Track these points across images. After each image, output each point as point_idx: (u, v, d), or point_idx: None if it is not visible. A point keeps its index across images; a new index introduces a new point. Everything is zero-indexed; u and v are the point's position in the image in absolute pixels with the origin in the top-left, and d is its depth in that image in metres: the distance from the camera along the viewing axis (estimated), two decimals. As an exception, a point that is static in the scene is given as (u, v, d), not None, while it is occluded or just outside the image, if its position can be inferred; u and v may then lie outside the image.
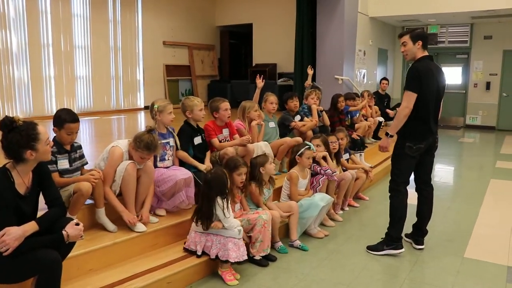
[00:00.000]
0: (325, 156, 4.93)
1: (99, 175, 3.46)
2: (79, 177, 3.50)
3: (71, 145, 3.54)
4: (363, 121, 7.93)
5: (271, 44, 13.21)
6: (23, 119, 2.61)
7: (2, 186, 2.52)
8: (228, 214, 3.51)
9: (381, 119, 8.77)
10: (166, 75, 12.69)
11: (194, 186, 4.05)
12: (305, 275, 3.68)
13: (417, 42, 3.94)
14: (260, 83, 5.43)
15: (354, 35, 10.67)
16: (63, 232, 2.61)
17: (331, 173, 4.76)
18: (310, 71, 7.90)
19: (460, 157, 9.44)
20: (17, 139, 2.54)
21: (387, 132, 4.04)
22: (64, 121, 3.37)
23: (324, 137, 5.10)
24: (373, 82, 12.23)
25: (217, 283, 3.50)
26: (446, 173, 7.88)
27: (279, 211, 4.21)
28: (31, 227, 2.53)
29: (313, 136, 5.36)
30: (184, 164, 4.27)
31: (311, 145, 4.70)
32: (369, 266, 3.90)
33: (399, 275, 3.74)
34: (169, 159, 4.15)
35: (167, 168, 4.09)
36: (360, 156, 6.56)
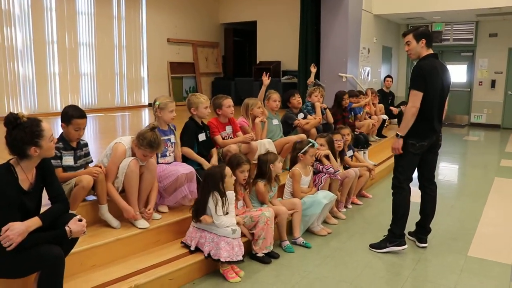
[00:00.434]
0: (328, 154, 4.92)
1: (101, 170, 3.49)
2: (81, 171, 3.52)
3: (77, 142, 3.56)
4: (367, 119, 7.91)
5: (275, 41, 13.19)
6: (27, 116, 2.62)
7: (6, 182, 2.53)
8: (220, 212, 3.50)
9: (385, 117, 8.75)
10: (170, 72, 12.70)
11: (196, 182, 4.06)
12: (308, 273, 3.68)
13: (421, 40, 3.92)
14: (266, 81, 5.45)
15: (358, 32, 10.63)
16: (66, 227, 2.62)
17: (333, 172, 4.76)
18: (313, 69, 7.89)
19: (464, 155, 9.40)
20: (21, 136, 2.55)
21: (397, 133, 3.98)
22: (71, 117, 3.41)
23: (329, 137, 5.08)
24: (377, 80, 12.20)
25: (219, 280, 3.50)
26: (450, 171, 7.86)
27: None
28: (34, 222, 2.54)
29: (318, 135, 5.35)
30: (187, 160, 4.28)
31: (315, 143, 4.69)
32: (372, 263, 3.89)
33: (402, 273, 3.73)
34: (170, 155, 4.16)
35: (169, 164, 4.10)
36: (363, 154, 6.55)
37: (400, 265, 3.92)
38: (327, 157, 4.88)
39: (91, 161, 3.74)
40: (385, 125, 8.93)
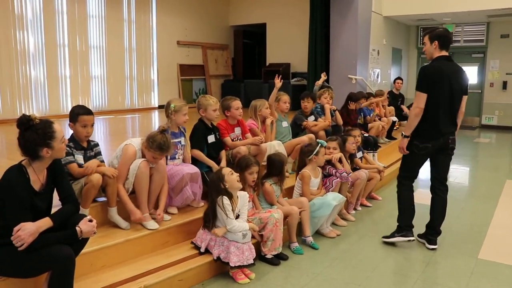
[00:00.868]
0: (341, 157, 4.91)
1: (116, 173, 3.52)
2: (99, 168, 3.48)
3: (87, 142, 3.59)
4: (377, 121, 7.89)
5: (284, 43, 13.20)
6: (39, 118, 2.66)
7: (17, 182, 2.56)
8: (231, 215, 3.49)
9: (395, 119, 8.72)
10: (180, 75, 12.76)
11: (202, 183, 4.09)
12: (317, 274, 3.67)
13: (434, 42, 4.00)
14: (278, 83, 5.47)
15: (368, 34, 10.61)
16: (77, 228, 2.65)
17: (347, 176, 4.77)
18: (323, 77, 7.93)
19: (475, 157, 9.34)
20: (34, 137, 2.58)
21: (402, 132, 4.12)
22: (78, 114, 3.46)
23: (339, 140, 5.08)
24: (387, 81, 12.16)
25: (229, 281, 3.51)
26: (461, 173, 7.80)
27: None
28: (45, 223, 2.57)
29: (328, 138, 5.33)
30: (197, 163, 4.30)
31: (323, 142, 4.68)
32: (381, 266, 3.88)
33: (411, 275, 3.72)
34: (179, 158, 4.19)
35: (176, 165, 4.12)
36: (373, 156, 6.53)
37: (409, 267, 3.90)
38: (340, 160, 4.88)
39: (103, 161, 3.76)
40: (395, 127, 8.89)
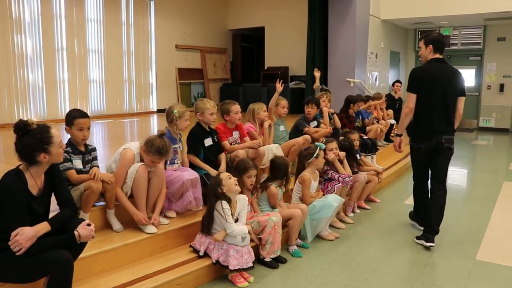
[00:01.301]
0: (342, 158, 4.93)
1: (113, 179, 3.52)
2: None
3: (85, 147, 3.59)
4: (375, 124, 7.91)
5: (283, 47, 13.23)
6: (36, 123, 2.66)
7: (15, 187, 2.56)
8: (230, 219, 3.50)
9: (393, 121, 8.73)
10: (178, 79, 12.78)
11: (201, 186, 4.09)
12: (315, 277, 3.68)
13: (429, 46, 4.21)
14: (279, 88, 5.48)
15: (366, 37, 10.64)
16: (75, 232, 2.65)
17: (348, 180, 4.78)
18: (316, 73, 7.88)
19: (473, 159, 9.35)
20: (31, 143, 2.58)
21: (396, 131, 4.27)
22: (73, 117, 3.46)
23: (338, 142, 5.11)
24: (385, 84, 12.19)
25: (227, 285, 3.51)
26: (458, 175, 7.80)
27: (288, 211, 4.23)
28: (43, 227, 2.57)
29: (325, 140, 5.34)
30: (195, 167, 4.30)
31: (322, 145, 4.68)
32: (379, 268, 3.89)
33: (410, 277, 3.72)
34: (177, 163, 4.20)
35: (175, 170, 4.13)
36: (371, 159, 6.54)
37: (408, 269, 3.91)
38: (340, 161, 4.89)
39: (97, 166, 3.75)
40: (393, 130, 8.89)
